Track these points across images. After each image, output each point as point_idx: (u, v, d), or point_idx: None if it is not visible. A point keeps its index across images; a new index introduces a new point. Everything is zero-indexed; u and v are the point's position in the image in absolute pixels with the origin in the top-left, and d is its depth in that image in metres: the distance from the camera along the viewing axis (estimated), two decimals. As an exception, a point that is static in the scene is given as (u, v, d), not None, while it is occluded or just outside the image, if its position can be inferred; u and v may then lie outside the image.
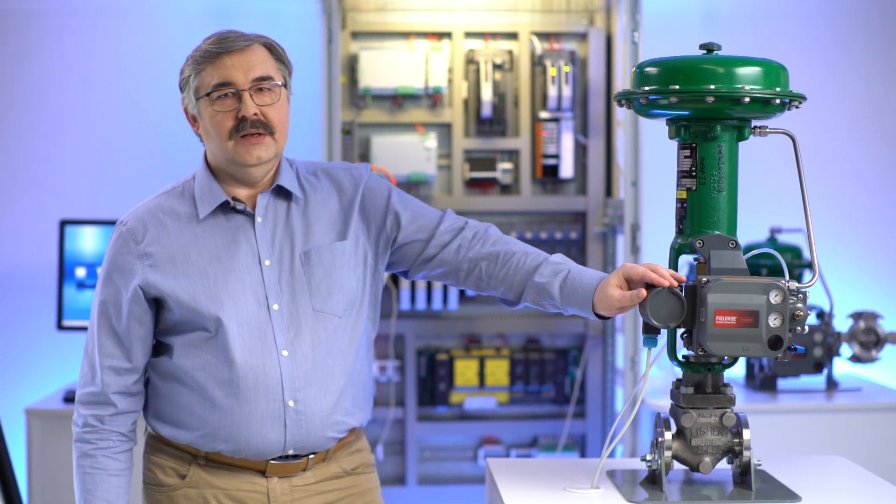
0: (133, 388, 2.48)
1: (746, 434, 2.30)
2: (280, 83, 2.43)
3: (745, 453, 2.31)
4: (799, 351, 2.24)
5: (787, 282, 2.19)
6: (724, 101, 2.21)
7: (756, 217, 4.21)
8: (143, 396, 2.51)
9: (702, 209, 2.31)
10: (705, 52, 2.30)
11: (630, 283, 2.29)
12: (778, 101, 2.24)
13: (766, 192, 4.17)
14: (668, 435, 2.30)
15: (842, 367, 4.33)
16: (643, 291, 2.23)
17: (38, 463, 3.87)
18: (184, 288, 2.40)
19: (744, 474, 2.33)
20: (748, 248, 3.93)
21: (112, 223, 4.10)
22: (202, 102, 2.40)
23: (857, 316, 4.10)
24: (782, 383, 4.14)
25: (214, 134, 2.40)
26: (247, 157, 2.39)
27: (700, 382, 2.33)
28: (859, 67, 4.81)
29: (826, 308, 4.09)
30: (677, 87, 2.23)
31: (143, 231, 2.43)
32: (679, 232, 2.35)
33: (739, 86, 2.21)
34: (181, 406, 2.44)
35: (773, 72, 2.25)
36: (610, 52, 4.54)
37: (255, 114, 2.37)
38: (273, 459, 2.44)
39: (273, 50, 2.44)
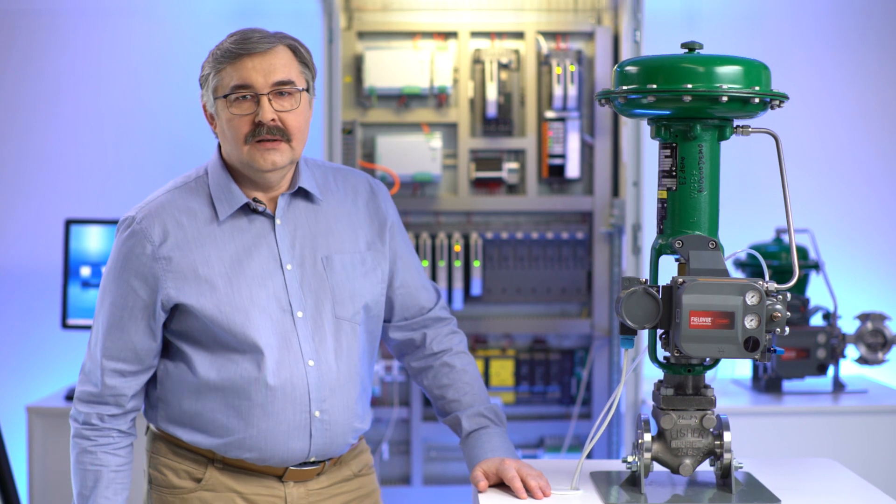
0: (137, 390, 2.41)
1: (727, 436, 2.28)
2: (302, 87, 2.35)
3: (726, 455, 2.28)
4: (779, 352, 2.22)
5: (766, 283, 2.17)
6: (703, 100, 2.18)
7: (763, 218, 4.19)
8: (143, 395, 2.45)
9: (682, 209, 2.28)
10: (687, 50, 2.28)
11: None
12: (758, 100, 2.21)
13: (774, 192, 4.13)
14: (647, 437, 2.29)
15: (849, 368, 4.28)
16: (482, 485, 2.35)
17: (38, 461, 3.89)
18: (209, 300, 2.33)
19: (725, 476, 2.31)
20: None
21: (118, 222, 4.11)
22: (220, 103, 2.33)
23: (864, 317, 4.05)
24: (788, 385, 4.10)
25: (230, 137, 2.33)
26: (262, 162, 2.32)
27: (681, 384, 2.31)
28: (867, 64, 4.76)
29: (831, 309, 4.05)
30: (655, 86, 2.21)
31: (160, 231, 2.35)
32: (660, 232, 2.33)
33: (718, 85, 2.18)
34: (201, 413, 2.38)
35: (753, 71, 2.22)
36: (617, 52, 4.51)
37: (273, 119, 2.30)
38: (293, 465, 2.42)
39: (297, 52, 2.37)
